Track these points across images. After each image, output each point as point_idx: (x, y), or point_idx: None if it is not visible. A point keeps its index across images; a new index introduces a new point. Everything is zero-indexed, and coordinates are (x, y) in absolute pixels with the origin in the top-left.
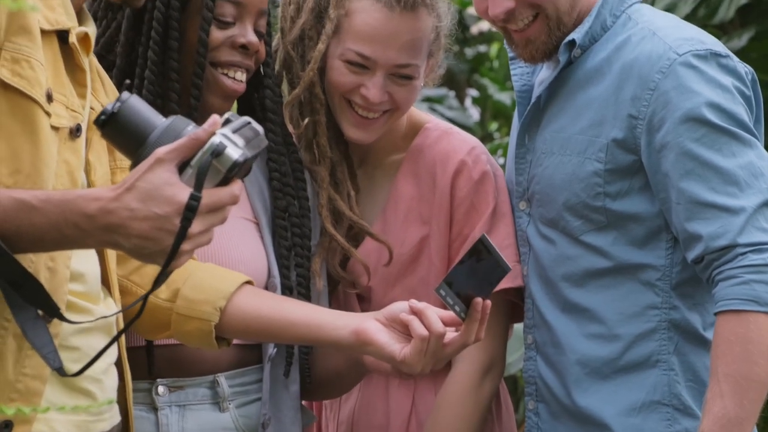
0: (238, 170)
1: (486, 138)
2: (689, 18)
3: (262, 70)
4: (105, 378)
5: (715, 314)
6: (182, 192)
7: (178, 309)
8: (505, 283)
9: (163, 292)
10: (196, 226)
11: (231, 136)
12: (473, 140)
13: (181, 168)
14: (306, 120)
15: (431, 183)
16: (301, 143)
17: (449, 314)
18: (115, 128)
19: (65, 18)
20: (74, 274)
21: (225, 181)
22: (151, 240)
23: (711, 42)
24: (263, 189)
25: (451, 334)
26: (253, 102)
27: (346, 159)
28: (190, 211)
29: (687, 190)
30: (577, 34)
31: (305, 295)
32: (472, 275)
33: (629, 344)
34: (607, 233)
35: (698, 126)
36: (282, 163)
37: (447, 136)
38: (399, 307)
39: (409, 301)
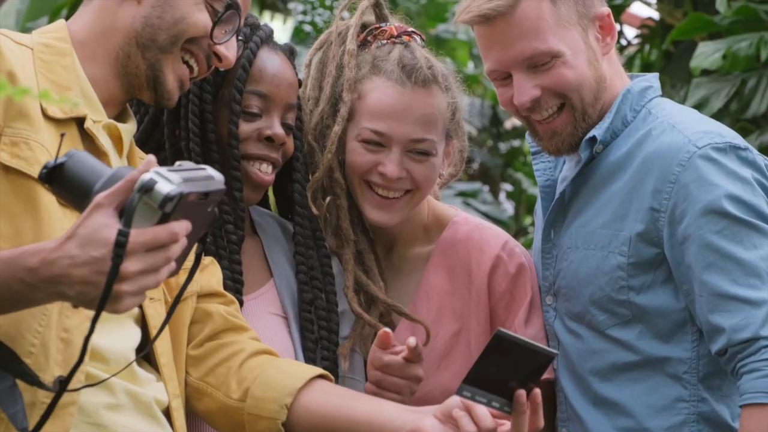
0: (174, 206)
1: (520, 232)
2: (722, 112)
3: (292, 164)
4: None
5: (740, 407)
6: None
7: (249, 408)
8: None
9: (235, 392)
10: (133, 265)
11: (165, 174)
12: (504, 234)
13: (123, 212)
14: (327, 199)
15: (466, 278)
16: (327, 229)
17: None
18: (61, 184)
19: (82, 107)
20: (94, 349)
21: (164, 219)
22: (91, 285)
23: (730, 135)
24: (291, 283)
25: (504, 428)
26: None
27: (370, 247)
28: (119, 247)
29: (709, 283)
30: (598, 131)
31: None
32: (503, 369)
33: None
34: (633, 327)
35: (719, 218)
36: (309, 256)
37: (478, 230)
38: (453, 402)
39: None
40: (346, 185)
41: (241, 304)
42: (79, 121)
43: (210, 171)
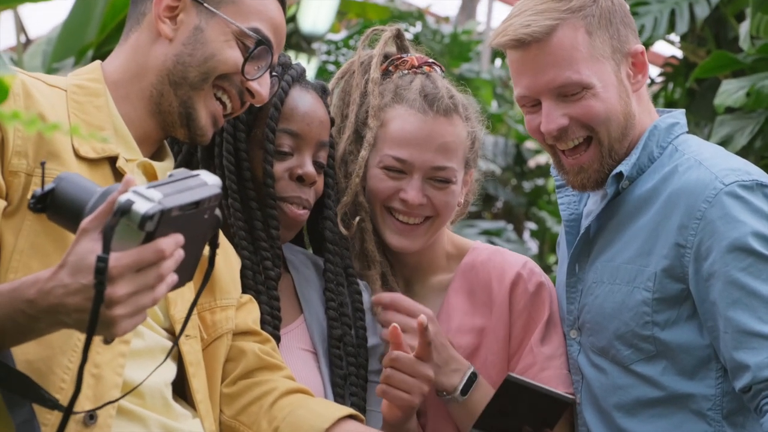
0: (155, 224)
1: (544, 271)
2: (746, 150)
3: (323, 201)
4: None
5: None
6: None
7: None
8: None
9: (266, 431)
10: (121, 289)
11: (144, 192)
12: (524, 256)
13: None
14: (356, 219)
15: (487, 297)
16: (353, 253)
17: None
18: (55, 210)
19: (113, 146)
20: (130, 384)
21: (149, 238)
22: (86, 312)
23: (757, 173)
24: (321, 319)
25: None
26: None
27: (393, 270)
28: (99, 273)
29: (734, 319)
30: (624, 167)
31: None
32: (516, 413)
33: None
34: (657, 363)
35: (744, 255)
36: (339, 293)
37: (499, 253)
38: None
39: None
40: (369, 209)
41: (278, 339)
42: (112, 161)
43: (204, 176)
